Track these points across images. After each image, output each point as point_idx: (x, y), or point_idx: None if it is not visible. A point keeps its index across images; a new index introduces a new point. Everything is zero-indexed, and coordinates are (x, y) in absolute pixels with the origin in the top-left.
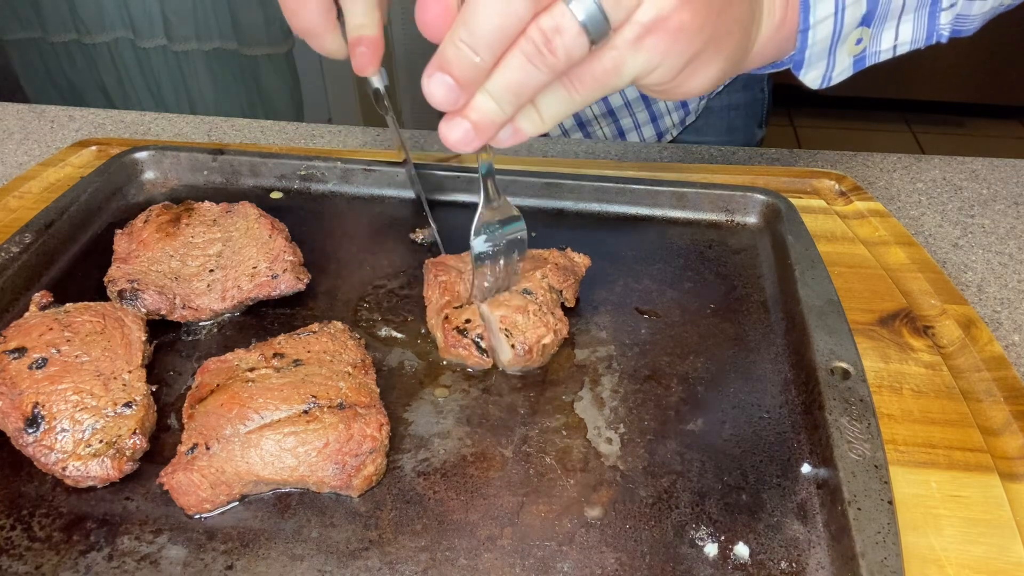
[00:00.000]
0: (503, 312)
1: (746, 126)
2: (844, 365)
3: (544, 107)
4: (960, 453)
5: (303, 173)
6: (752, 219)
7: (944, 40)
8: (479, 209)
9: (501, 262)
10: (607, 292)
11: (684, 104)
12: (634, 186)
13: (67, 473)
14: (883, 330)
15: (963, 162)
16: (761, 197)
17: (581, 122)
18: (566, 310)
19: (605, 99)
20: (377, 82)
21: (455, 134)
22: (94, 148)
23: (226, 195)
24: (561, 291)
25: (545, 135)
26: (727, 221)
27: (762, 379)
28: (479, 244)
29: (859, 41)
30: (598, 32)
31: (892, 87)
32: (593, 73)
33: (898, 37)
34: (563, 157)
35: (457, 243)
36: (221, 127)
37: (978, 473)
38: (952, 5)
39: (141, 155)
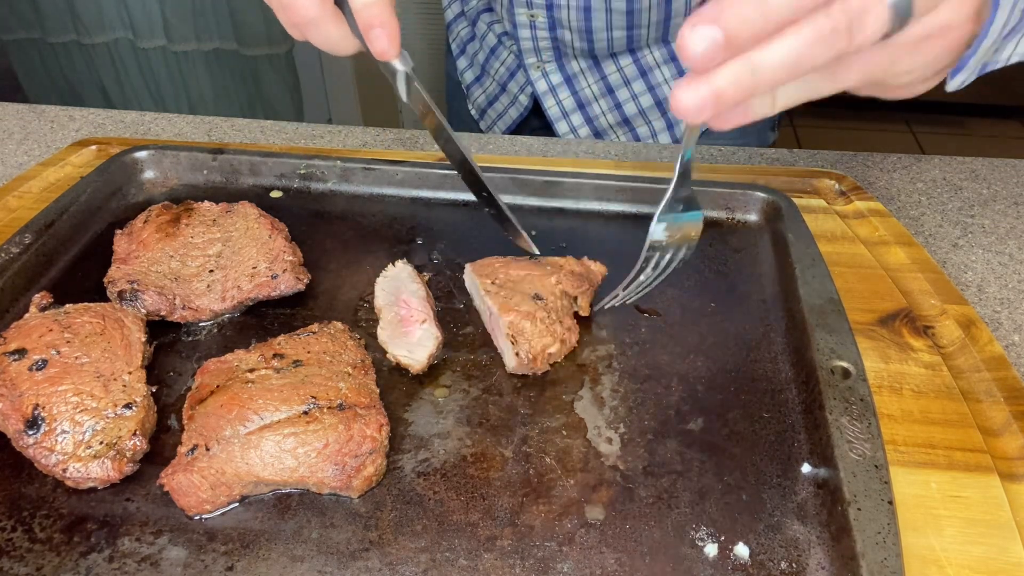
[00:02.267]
0: (511, 318)
1: (759, 129)
2: (844, 364)
3: (785, 89)
4: (960, 453)
5: (303, 172)
6: (752, 217)
7: None
8: (666, 195)
9: (668, 256)
10: (607, 291)
11: None
12: (634, 184)
13: (67, 474)
14: (883, 330)
15: (963, 162)
16: (761, 195)
17: (597, 131)
18: (578, 317)
19: (620, 108)
20: (401, 64)
21: (691, 99)
22: (94, 148)
23: (226, 194)
24: (576, 298)
25: (549, 135)
26: (727, 219)
27: (762, 379)
28: (657, 231)
29: (997, 50)
30: (899, 24)
31: None
32: (862, 63)
33: (1016, 49)
34: (563, 157)
35: (459, 243)
36: (221, 127)
37: (978, 473)
38: None
39: (141, 155)
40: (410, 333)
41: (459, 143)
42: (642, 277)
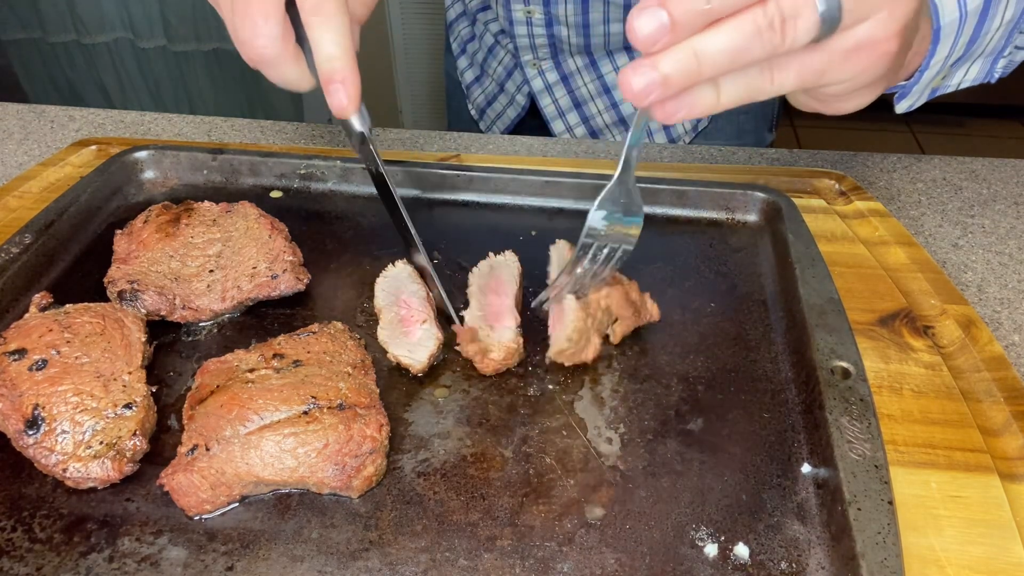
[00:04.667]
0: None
1: (756, 130)
2: (844, 364)
3: (728, 86)
4: (960, 453)
5: (303, 172)
6: (752, 217)
7: (993, 81)
8: (610, 183)
9: (600, 257)
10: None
11: None
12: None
13: (67, 474)
14: (883, 330)
15: (963, 162)
16: (761, 195)
17: (593, 131)
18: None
19: (616, 108)
20: (359, 125)
21: (640, 81)
22: (94, 148)
23: (226, 194)
24: (615, 320)
25: (545, 133)
26: (727, 219)
27: (762, 378)
28: (596, 218)
29: (944, 77)
30: (828, 30)
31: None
32: (798, 67)
33: (966, 75)
34: (563, 157)
35: (459, 243)
36: (221, 127)
37: (978, 473)
38: (1009, 55)
39: (141, 154)
40: (411, 333)
41: (398, 200)
42: (579, 270)
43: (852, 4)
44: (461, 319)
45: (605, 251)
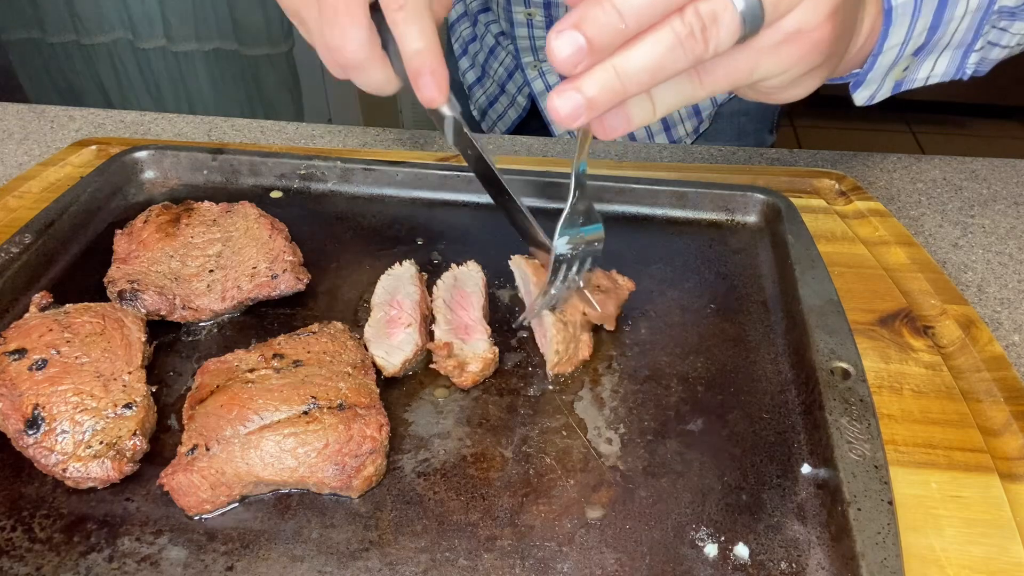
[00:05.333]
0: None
1: (756, 131)
2: (844, 365)
3: (660, 97)
4: (960, 453)
5: (303, 172)
6: (752, 218)
7: (966, 77)
8: (566, 210)
9: (575, 268)
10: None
11: (697, 112)
12: (634, 185)
13: (67, 474)
14: (883, 330)
15: (963, 162)
16: (761, 196)
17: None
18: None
19: None
20: (449, 111)
21: (566, 106)
22: (94, 148)
23: (226, 194)
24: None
25: (546, 134)
26: (727, 220)
27: (762, 379)
28: (561, 245)
29: (906, 68)
30: (751, 29)
31: None
32: (726, 69)
33: (933, 69)
34: (563, 157)
35: (458, 243)
36: (221, 127)
37: (978, 473)
38: (980, 49)
39: (141, 154)
40: (392, 335)
41: (502, 180)
42: (553, 291)
43: None
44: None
45: (576, 265)
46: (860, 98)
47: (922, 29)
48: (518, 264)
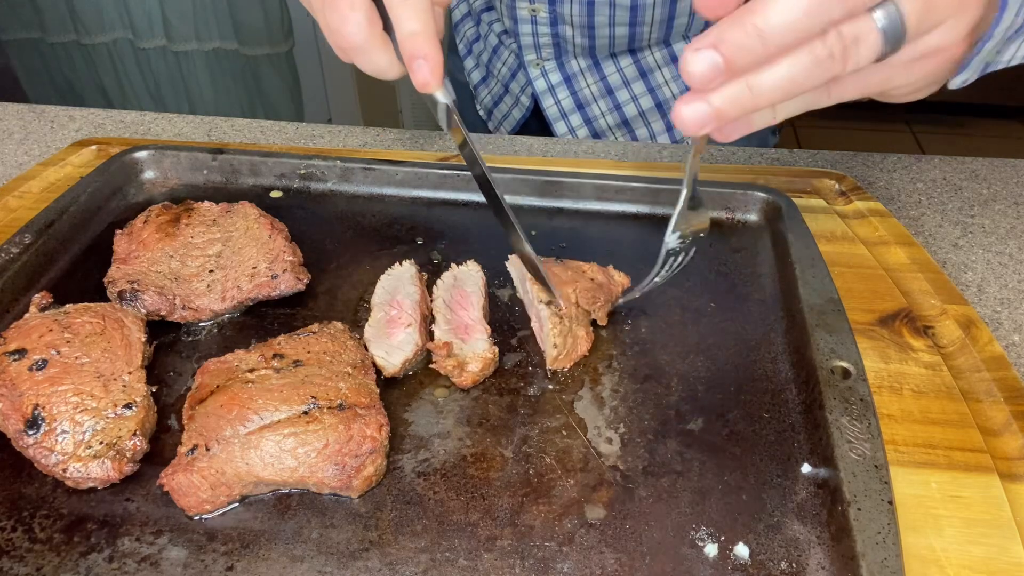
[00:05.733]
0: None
1: (759, 132)
2: (844, 364)
3: (784, 104)
4: (960, 453)
5: (303, 172)
6: (753, 217)
7: None
8: (679, 205)
9: (679, 259)
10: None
11: None
12: (634, 184)
13: (67, 474)
14: (883, 330)
15: (963, 162)
16: (761, 195)
17: (596, 132)
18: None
19: (620, 110)
20: (443, 97)
21: (692, 116)
22: (94, 148)
23: (226, 194)
24: (590, 311)
25: (550, 135)
26: (728, 219)
27: (762, 378)
28: (672, 240)
29: (999, 51)
30: (892, 48)
31: None
32: (858, 83)
33: (1018, 51)
34: (563, 157)
35: (459, 243)
36: (221, 127)
37: (978, 473)
38: None
39: (141, 155)
40: (393, 335)
41: (486, 171)
42: (658, 279)
43: (916, 20)
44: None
45: (679, 258)
46: (957, 82)
47: (1021, 14)
48: (516, 264)
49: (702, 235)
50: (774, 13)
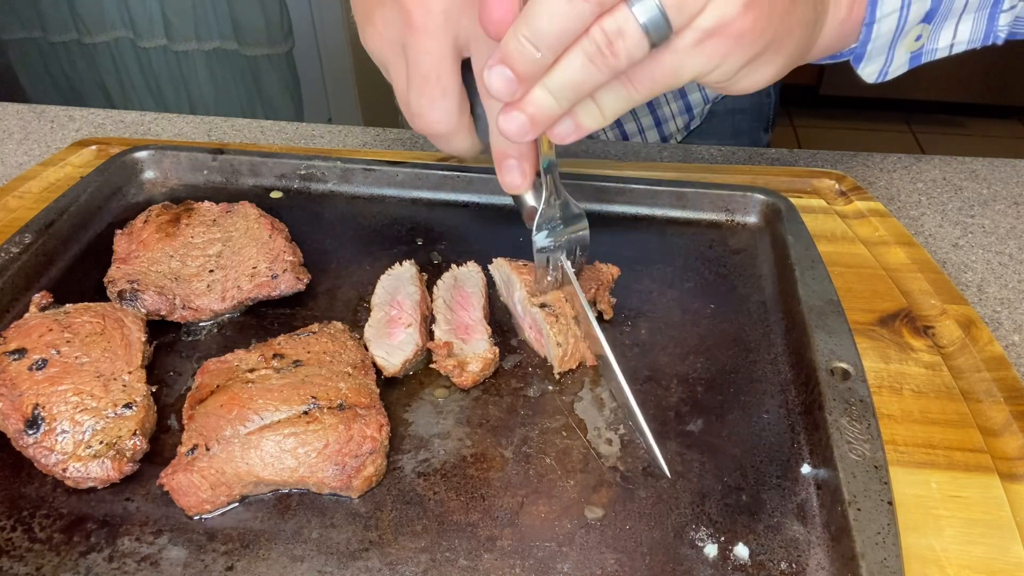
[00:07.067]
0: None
1: (752, 130)
2: (844, 365)
3: (604, 103)
4: (960, 453)
5: (303, 173)
6: (752, 219)
7: (1000, 41)
8: (540, 205)
9: (562, 257)
10: (618, 292)
11: (688, 109)
12: (634, 186)
13: (67, 474)
14: (883, 330)
15: (963, 162)
16: (761, 197)
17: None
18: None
19: None
20: (532, 199)
21: (511, 125)
22: (94, 148)
23: (226, 194)
24: (594, 302)
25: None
26: (727, 221)
27: (762, 379)
28: (540, 239)
29: (918, 38)
30: (659, 36)
31: (892, 87)
32: (652, 74)
33: (956, 36)
34: (563, 157)
35: (459, 243)
36: (221, 127)
37: (978, 473)
38: (1012, 7)
39: (141, 155)
40: (393, 335)
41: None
42: (549, 278)
43: (675, 3)
44: None
45: (564, 254)
46: (868, 74)
47: None
48: (500, 267)
49: (583, 244)
50: (534, 19)
